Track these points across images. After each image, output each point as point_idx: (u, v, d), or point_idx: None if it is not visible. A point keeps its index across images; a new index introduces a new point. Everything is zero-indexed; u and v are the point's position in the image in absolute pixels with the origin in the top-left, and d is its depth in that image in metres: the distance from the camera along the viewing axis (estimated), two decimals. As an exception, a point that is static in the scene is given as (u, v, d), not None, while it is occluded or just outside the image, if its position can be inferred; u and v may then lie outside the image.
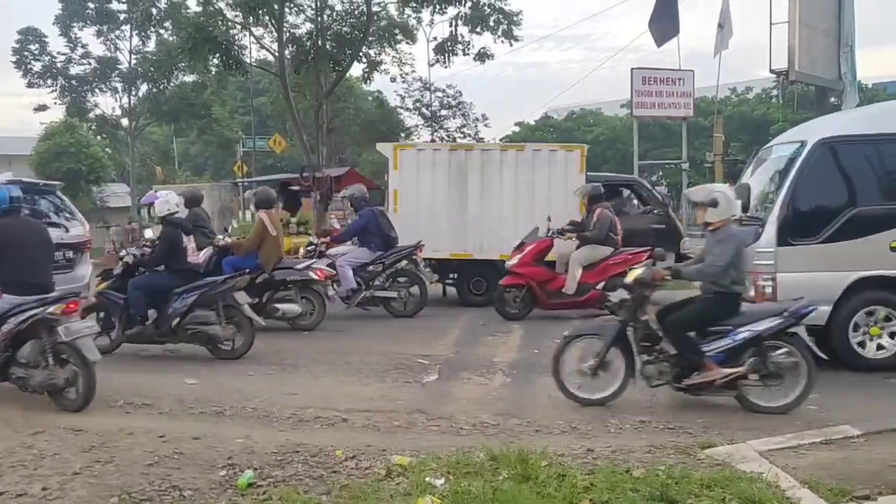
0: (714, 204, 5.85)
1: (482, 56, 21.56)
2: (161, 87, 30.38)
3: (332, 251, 10.65)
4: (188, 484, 4.15)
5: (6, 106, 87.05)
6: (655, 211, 12.40)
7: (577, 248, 10.14)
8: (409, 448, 4.78)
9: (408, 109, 39.03)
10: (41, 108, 33.10)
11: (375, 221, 10.36)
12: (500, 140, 49.49)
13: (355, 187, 11.36)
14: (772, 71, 15.89)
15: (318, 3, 20.94)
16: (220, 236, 9.72)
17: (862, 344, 7.02)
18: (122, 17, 30.80)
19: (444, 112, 39.39)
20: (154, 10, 25.10)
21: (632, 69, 18.02)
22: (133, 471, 4.33)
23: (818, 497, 3.82)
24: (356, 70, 24.13)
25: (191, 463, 4.49)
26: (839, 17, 16.32)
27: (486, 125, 40.85)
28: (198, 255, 8.53)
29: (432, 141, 39.06)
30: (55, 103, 32.21)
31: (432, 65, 23.38)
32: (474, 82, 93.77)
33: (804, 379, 5.67)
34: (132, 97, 32.60)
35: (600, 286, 9.77)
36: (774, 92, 34.89)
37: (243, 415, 5.75)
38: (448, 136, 40.10)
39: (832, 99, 18.25)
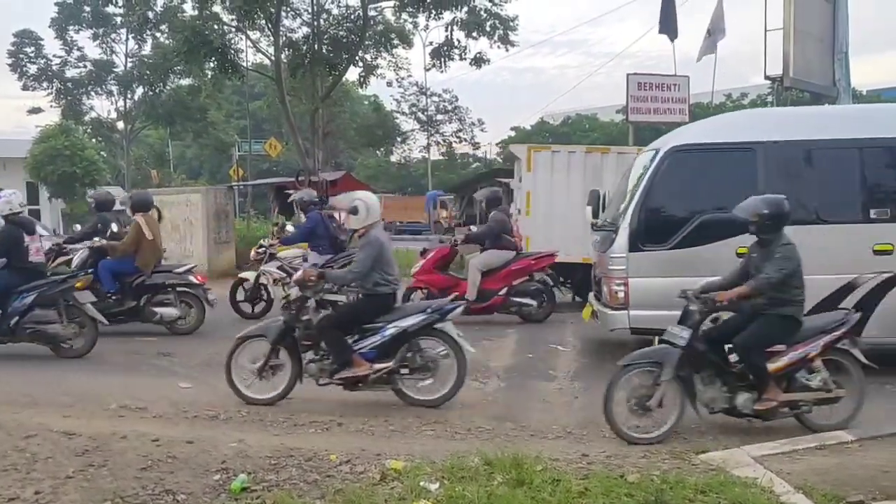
0: (354, 212, 6.20)
1: (478, 61, 21.55)
2: (157, 91, 30.32)
3: (281, 254, 10.69)
4: (182, 488, 4.13)
5: (1, 108, 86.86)
6: None
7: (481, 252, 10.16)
8: (404, 452, 4.77)
9: (404, 114, 39.23)
10: (36, 110, 33.12)
11: (323, 224, 10.41)
12: (497, 144, 49.76)
13: (304, 191, 11.48)
14: (767, 77, 15.95)
15: (315, 7, 20.95)
16: (98, 238, 9.58)
17: None
18: (117, 20, 30.78)
19: (440, 116, 39.56)
20: (150, 14, 25.05)
21: (627, 75, 18.06)
22: (126, 475, 4.31)
23: (812, 502, 3.83)
24: (352, 74, 24.15)
25: (184, 467, 4.47)
26: (833, 24, 16.40)
27: (482, 130, 41.07)
28: (42, 255, 8.43)
29: (428, 146, 39.21)
30: (51, 106, 32.22)
31: (428, 69, 23.46)
32: (470, 87, 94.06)
33: (455, 373, 6.08)
34: (128, 100, 32.59)
35: (503, 292, 9.79)
36: (769, 98, 34.97)
37: (237, 419, 5.74)
38: (444, 141, 40.24)
39: (826, 105, 18.31)
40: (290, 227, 11.89)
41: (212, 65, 19.96)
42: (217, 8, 19.69)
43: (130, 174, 33.81)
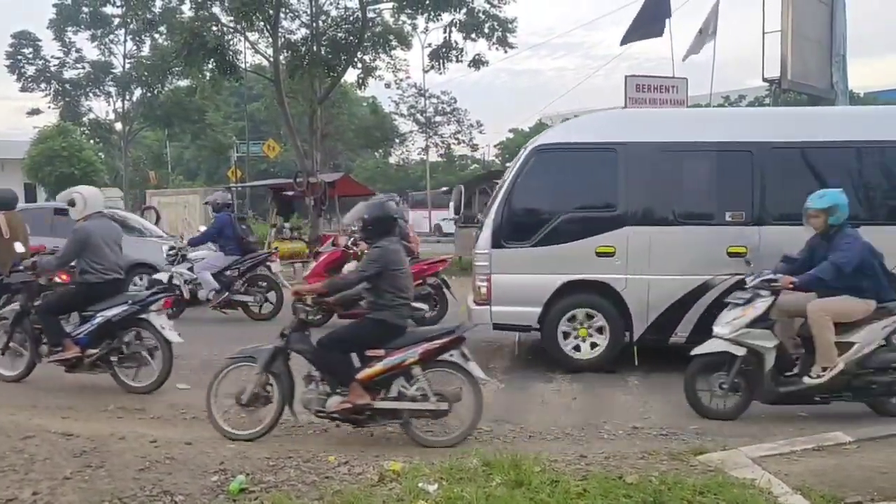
0: (72, 203, 6.63)
1: (477, 63, 21.59)
2: (155, 92, 30.33)
3: (191, 255, 10.79)
4: (180, 489, 4.12)
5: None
6: None
7: None
8: (402, 454, 4.77)
9: (402, 115, 39.16)
10: (35, 111, 33.06)
11: (231, 226, 10.49)
12: (495, 146, 49.79)
13: (217, 194, 11.57)
14: (765, 79, 15.98)
15: (313, 9, 20.97)
16: None
17: (577, 347, 7.35)
18: (116, 21, 30.77)
19: (438, 118, 39.50)
20: (150, 16, 25.07)
21: (626, 76, 18.08)
22: (124, 476, 4.30)
23: (810, 503, 3.83)
24: (351, 76, 24.20)
25: (182, 468, 4.46)
26: (831, 27, 16.44)
27: (480, 132, 41.01)
28: None
29: (426, 147, 39.21)
30: (49, 107, 32.18)
31: (427, 71, 23.43)
32: (469, 89, 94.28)
33: (161, 364, 6.51)
34: (126, 101, 32.57)
35: None
36: (767, 100, 35.06)
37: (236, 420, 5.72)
38: (442, 142, 40.21)
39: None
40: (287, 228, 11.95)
41: (210, 66, 19.96)
42: (215, 9, 19.72)
43: (128, 175, 33.78)
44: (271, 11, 19.10)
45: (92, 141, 33.05)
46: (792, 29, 14.80)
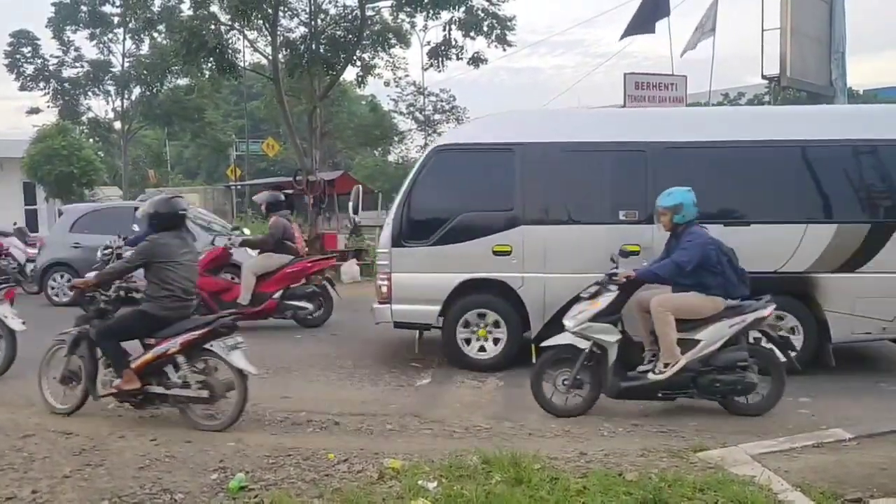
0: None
1: (476, 61, 21.53)
2: (154, 91, 30.29)
3: (126, 254, 10.65)
4: (179, 487, 4.13)
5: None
6: None
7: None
8: (402, 451, 4.78)
9: (401, 114, 39.09)
10: (34, 110, 33.02)
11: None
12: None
13: (152, 195, 11.68)
14: (764, 77, 15.98)
15: (312, 7, 20.93)
16: None
17: (468, 342, 7.42)
18: (115, 20, 30.73)
19: (437, 116, 39.45)
20: (149, 15, 25.03)
21: (625, 74, 18.06)
22: (124, 474, 4.31)
23: (810, 500, 3.83)
24: (350, 74, 24.13)
25: (182, 466, 4.47)
26: (830, 24, 16.44)
27: (479, 130, 40.84)
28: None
29: (425, 145, 39.16)
30: (48, 106, 32.13)
31: (426, 69, 23.35)
32: (468, 87, 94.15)
33: (3, 352, 6.86)
34: (125, 100, 32.52)
35: (277, 295, 9.68)
36: (766, 98, 35.06)
37: (235, 418, 5.73)
38: (442, 141, 40.12)
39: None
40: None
41: (209, 65, 19.93)
42: (214, 8, 19.68)
43: (128, 174, 33.75)
44: (270, 10, 19.08)
45: (91, 140, 33.00)
46: (791, 26, 14.80)
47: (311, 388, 6.81)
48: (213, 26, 19.25)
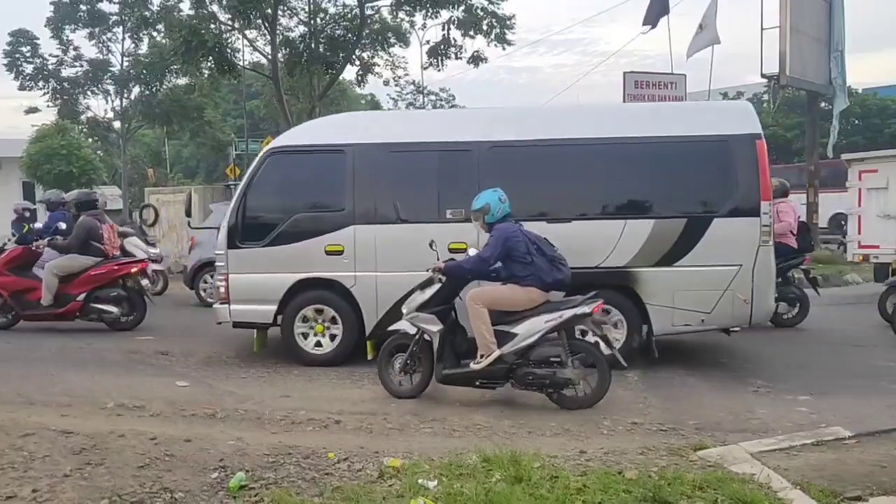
0: None
1: (475, 60, 21.57)
2: (153, 90, 30.25)
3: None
4: (179, 486, 4.12)
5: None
6: None
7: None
8: (402, 450, 4.77)
9: (401, 112, 39.12)
10: (32, 110, 32.94)
11: (67, 225, 10.37)
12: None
13: (51, 192, 11.72)
14: (763, 75, 16.01)
15: (311, 6, 20.93)
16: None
17: (305, 336, 7.60)
18: (113, 19, 30.69)
19: (437, 115, 39.43)
20: (147, 14, 25.02)
21: (624, 73, 18.10)
22: (124, 473, 4.30)
23: (810, 498, 3.83)
24: (349, 73, 24.16)
25: (182, 465, 4.46)
26: (830, 23, 16.46)
27: (479, 129, 40.91)
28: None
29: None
30: (47, 106, 32.02)
31: (426, 68, 23.37)
32: (467, 86, 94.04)
33: None
34: (124, 99, 32.47)
35: (81, 297, 9.61)
36: (766, 97, 35.08)
37: (235, 417, 5.74)
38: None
39: (823, 104, 18.36)
40: None
41: (209, 64, 19.94)
42: (214, 7, 19.69)
43: (127, 173, 33.72)
44: (269, 9, 19.08)
45: (90, 139, 32.98)
46: (790, 25, 14.83)
47: (311, 386, 6.81)
48: (212, 25, 19.25)
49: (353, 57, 21.60)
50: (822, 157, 19.12)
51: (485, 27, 20.41)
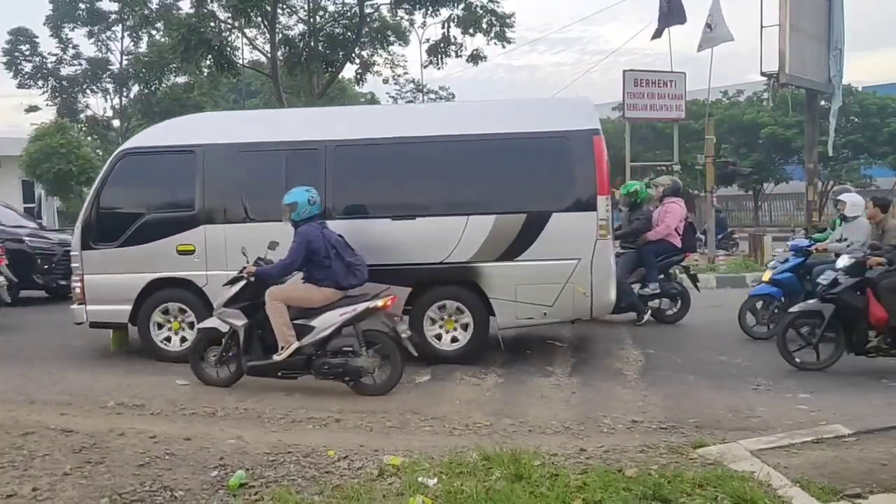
0: None
1: (475, 58, 21.58)
2: (152, 88, 30.27)
3: None
4: (180, 485, 4.12)
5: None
6: None
7: None
8: (402, 448, 4.78)
9: (400, 111, 39.01)
10: (32, 108, 32.95)
11: None
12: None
13: None
14: (763, 74, 15.98)
15: (311, 5, 20.92)
16: None
17: (168, 339, 7.70)
18: (112, 17, 30.68)
19: (436, 114, 39.33)
20: (146, 12, 25.02)
21: (624, 71, 18.06)
22: (124, 472, 4.30)
23: (810, 496, 3.83)
24: (349, 71, 24.13)
25: (182, 464, 4.46)
26: (829, 21, 16.44)
27: (478, 127, 40.84)
28: None
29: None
30: (46, 104, 32.08)
31: (425, 66, 23.37)
32: (467, 84, 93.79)
33: None
34: (123, 98, 32.49)
35: None
36: (765, 95, 35.04)
37: (235, 416, 5.74)
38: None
39: (822, 102, 18.35)
40: None
41: (208, 62, 19.93)
42: (213, 6, 19.67)
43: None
44: (269, 7, 19.06)
45: (90, 138, 32.96)
46: (790, 23, 14.80)
47: (311, 385, 6.79)
48: (212, 24, 19.23)
49: (353, 55, 21.60)
50: (822, 155, 19.11)
51: (484, 25, 20.41)
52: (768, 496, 3.79)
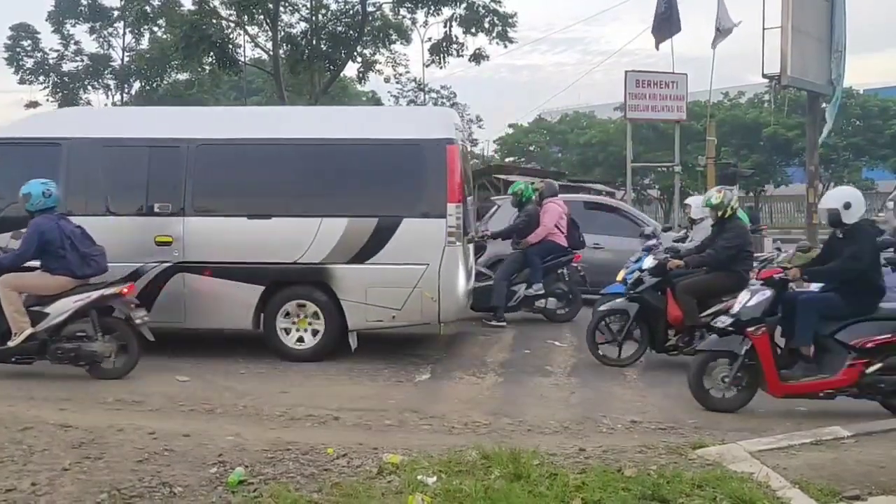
0: None
1: (477, 57, 21.57)
2: (154, 85, 30.29)
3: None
4: (178, 481, 4.12)
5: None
6: None
7: None
8: (401, 446, 4.77)
9: (402, 110, 39.00)
10: (33, 104, 32.95)
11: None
12: (495, 141, 49.72)
13: None
14: (764, 75, 15.97)
15: (313, 3, 20.92)
16: None
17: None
18: (114, 13, 30.69)
19: (437, 113, 39.31)
20: (148, 9, 25.04)
21: (626, 72, 18.08)
22: (123, 467, 4.30)
23: (808, 497, 3.84)
24: (351, 70, 24.14)
25: (181, 460, 4.46)
26: (831, 23, 16.42)
27: (480, 126, 40.94)
28: None
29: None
30: (47, 100, 32.13)
31: (427, 65, 23.37)
32: (469, 84, 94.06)
33: None
34: (125, 95, 32.51)
35: None
36: (766, 96, 35.06)
37: (234, 412, 5.74)
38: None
39: (823, 104, 18.34)
40: None
41: (210, 60, 19.93)
42: (215, 3, 19.67)
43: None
44: (271, 5, 19.07)
45: (91, 134, 32.98)
46: (792, 24, 14.78)
47: (310, 382, 6.80)
48: (214, 21, 19.24)
49: (355, 54, 21.60)
50: (823, 157, 19.08)
51: (486, 25, 20.41)
52: (767, 497, 3.80)
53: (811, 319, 5.72)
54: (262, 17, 19.83)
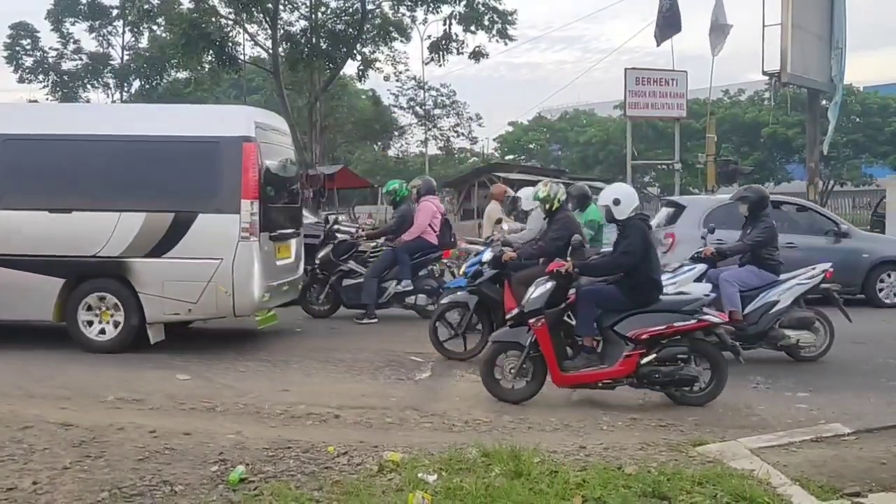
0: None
1: (476, 55, 21.56)
2: (153, 84, 30.27)
3: None
4: (179, 479, 4.12)
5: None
6: None
7: None
8: (402, 444, 4.77)
9: (401, 108, 38.97)
10: (32, 103, 32.98)
11: None
12: (494, 139, 49.70)
13: None
14: (764, 73, 15.98)
15: (313, 1, 20.90)
16: None
17: None
18: (114, 12, 30.67)
19: (437, 111, 39.33)
20: (147, 7, 25.03)
21: (626, 69, 18.07)
22: (123, 466, 4.30)
23: (809, 494, 3.84)
24: (350, 68, 24.12)
25: (182, 458, 4.46)
26: (831, 20, 16.42)
27: (479, 125, 40.85)
28: None
29: (425, 140, 39.10)
30: (47, 99, 32.10)
31: (427, 63, 23.36)
32: (468, 82, 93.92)
33: None
34: (124, 93, 32.49)
35: None
36: (767, 94, 35.02)
37: (235, 411, 5.73)
38: (441, 135, 40.14)
39: (823, 101, 18.35)
40: None
41: (209, 58, 19.92)
42: (214, 1, 19.65)
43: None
44: (270, 3, 19.05)
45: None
46: (792, 22, 14.78)
47: (310, 381, 6.80)
48: (213, 19, 19.22)
49: (355, 52, 21.58)
50: (820, 154, 19.10)
51: (486, 22, 20.40)
52: (768, 494, 3.80)
53: (591, 311, 5.83)
54: (261, 15, 19.85)
